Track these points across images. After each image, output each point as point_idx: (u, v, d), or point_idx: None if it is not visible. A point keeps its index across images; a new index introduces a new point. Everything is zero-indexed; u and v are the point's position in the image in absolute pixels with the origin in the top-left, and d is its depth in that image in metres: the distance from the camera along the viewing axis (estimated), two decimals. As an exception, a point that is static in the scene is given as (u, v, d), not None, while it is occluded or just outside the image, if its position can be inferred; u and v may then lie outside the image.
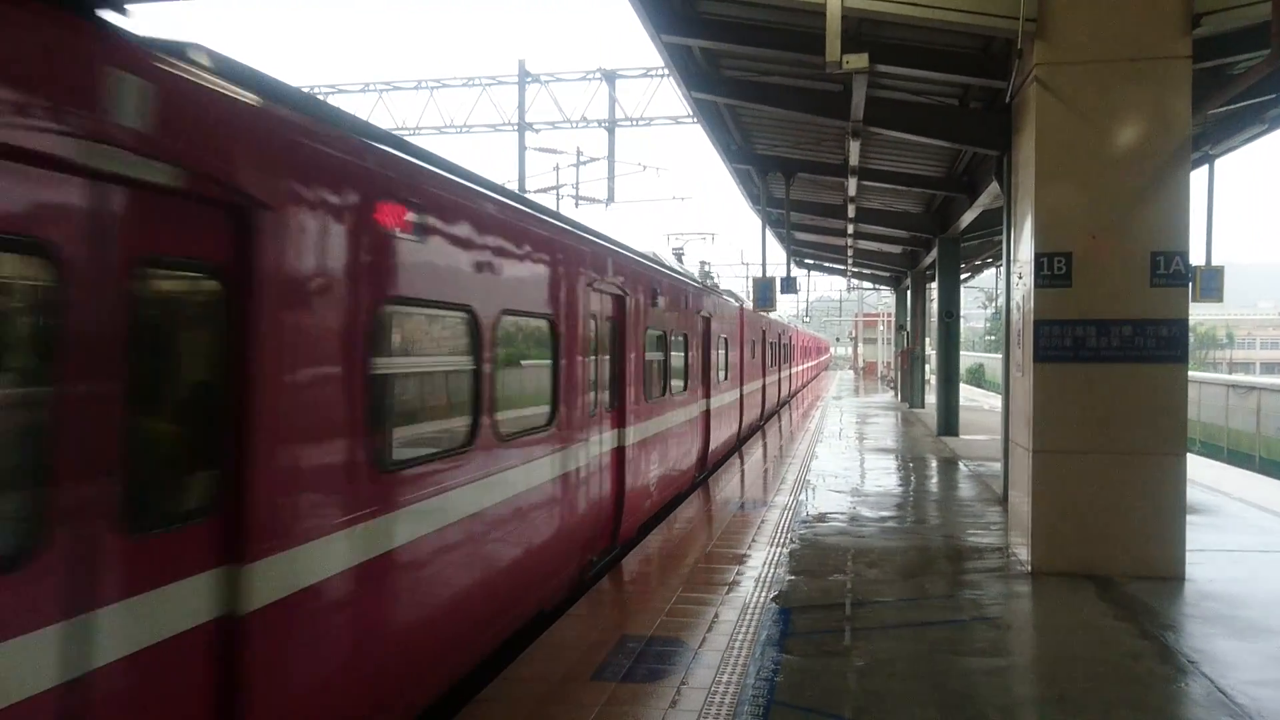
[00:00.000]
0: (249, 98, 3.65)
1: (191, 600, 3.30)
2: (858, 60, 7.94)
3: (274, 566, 3.66)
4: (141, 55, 3.12)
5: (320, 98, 7.03)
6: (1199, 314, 75.92)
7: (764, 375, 23.69)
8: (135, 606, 3.04)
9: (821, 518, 10.53)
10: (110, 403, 2.97)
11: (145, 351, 3.15)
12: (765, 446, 18.37)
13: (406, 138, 5.33)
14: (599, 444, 8.35)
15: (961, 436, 19.53)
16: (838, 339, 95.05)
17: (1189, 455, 8.16)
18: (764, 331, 23.75)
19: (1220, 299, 15.07)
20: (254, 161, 3.60)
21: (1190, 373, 9.33)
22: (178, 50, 3.40)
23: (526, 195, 16.76)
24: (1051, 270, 7.95)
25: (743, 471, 14.57)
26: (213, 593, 3.40)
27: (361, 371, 4.31)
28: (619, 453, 9.09)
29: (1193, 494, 10.69)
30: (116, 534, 2.98)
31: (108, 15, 3.05)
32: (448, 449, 5.30)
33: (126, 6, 3.06)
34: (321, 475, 4.04)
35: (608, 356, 8.77)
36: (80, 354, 2.85)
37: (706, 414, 14.43)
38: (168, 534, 3.23)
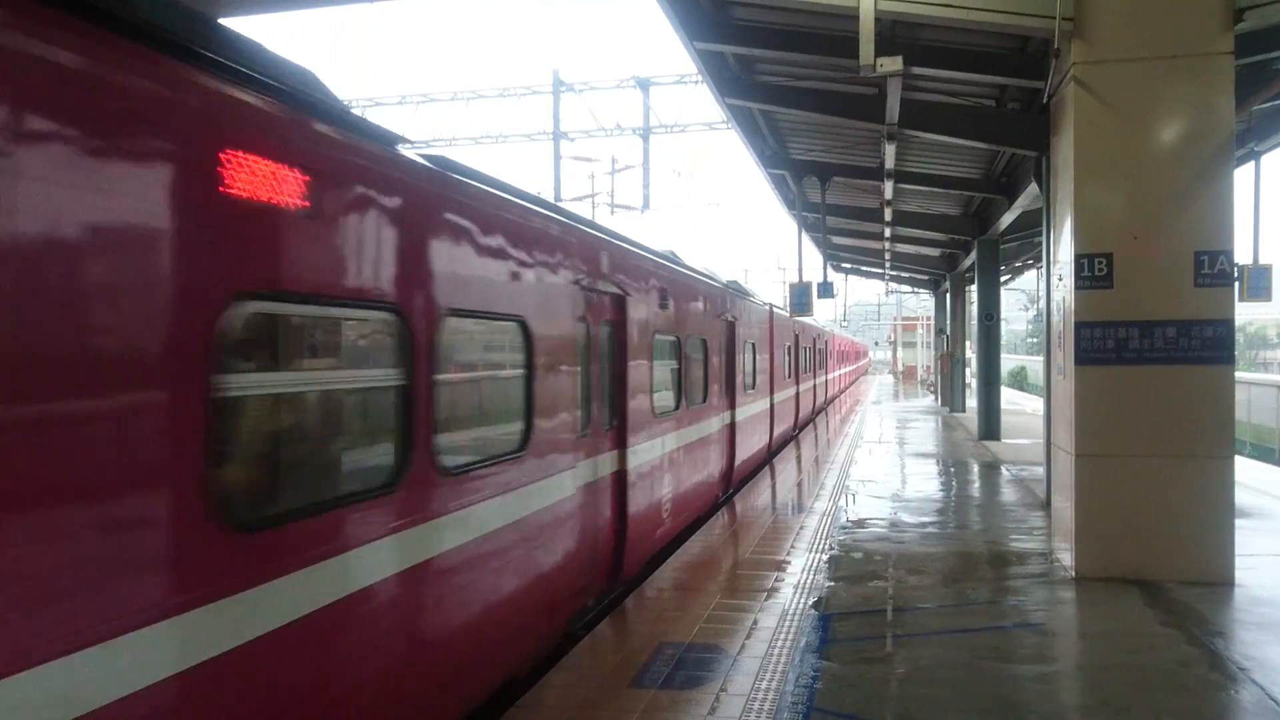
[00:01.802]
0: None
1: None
2: (892, 63, 7.89)
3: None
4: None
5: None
6: (1248, 313, 74.14)
7: (771, 392, 17.84)
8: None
9: (861, 523, 10.46)
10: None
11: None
12: (788, 462, 18.25)
13: (444, 149, 5.69)
14: None
15: (1003, 440, 19.29)
16: (876, 343, 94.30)
17: (1238, 458, 8.00)
18: (772, 336, 18.12)
19: (1269, 298, 14.71)
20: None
21: (1240, 373, 9.14)
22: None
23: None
24: (1092, 271, 7.84)
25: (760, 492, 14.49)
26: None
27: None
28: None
29: (1243, 497, 10.45)
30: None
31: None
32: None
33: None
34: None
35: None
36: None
37: (620, 476, 8.13)
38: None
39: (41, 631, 2.49)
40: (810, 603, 7.19)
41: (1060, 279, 8.59)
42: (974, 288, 22.00)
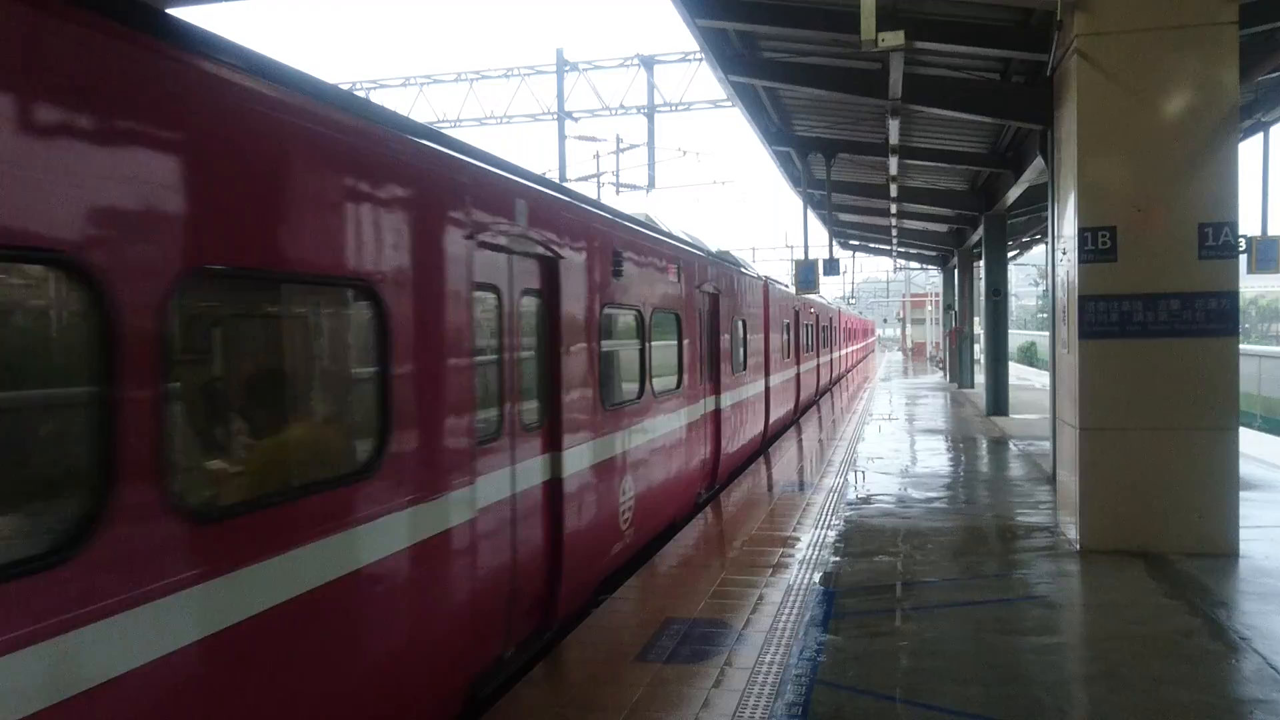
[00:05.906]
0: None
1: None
2: (893, 38, 7.86)
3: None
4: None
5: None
6: (1260, 286, 73.66)
7: (767, 374, 16.10)
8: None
9: (868, 499, 10.51)
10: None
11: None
12: (802, 434, 18.30)
13: (448, 130, 5.96)
14: None
15: (1011, 416, 19.29)
16: (885, 320, 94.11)
17: (1248, 430, 8.01)
18: (767, 311, 16.32)
19: (1277, 269, 14.60)
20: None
21: (1252, 346, 9.12)
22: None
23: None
24: (1096, 245, 7.83)
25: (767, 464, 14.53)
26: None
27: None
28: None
29: (1250, 470, 10.47)
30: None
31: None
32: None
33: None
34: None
35: None
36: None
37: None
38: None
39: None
40: (816, 578, 7.25)
41: (1064, 253, 8.58)
42: (982, 263, 21.90)
